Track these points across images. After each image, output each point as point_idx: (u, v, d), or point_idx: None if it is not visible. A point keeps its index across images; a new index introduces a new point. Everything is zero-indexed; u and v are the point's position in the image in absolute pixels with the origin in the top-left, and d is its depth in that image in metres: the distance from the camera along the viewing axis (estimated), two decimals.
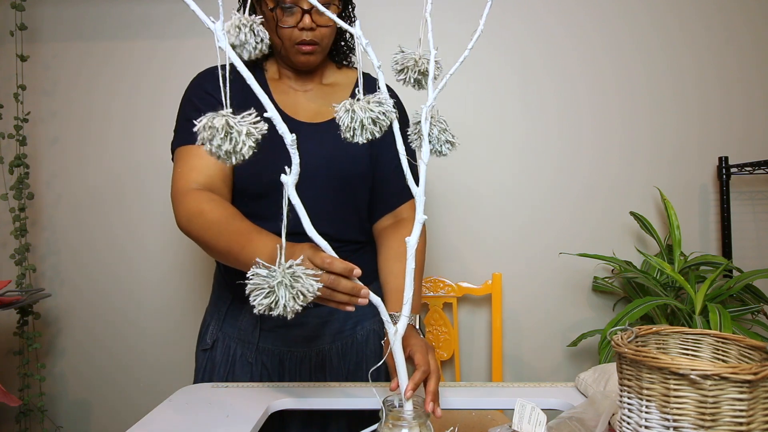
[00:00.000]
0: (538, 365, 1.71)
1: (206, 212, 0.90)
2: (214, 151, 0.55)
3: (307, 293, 0.60)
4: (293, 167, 0.60)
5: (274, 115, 0.59)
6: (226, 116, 0.55)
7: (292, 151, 0.60)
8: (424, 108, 0.69)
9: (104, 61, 1.70)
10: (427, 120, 0.69)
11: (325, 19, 0.98)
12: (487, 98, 1.68)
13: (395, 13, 1.65)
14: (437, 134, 0.70)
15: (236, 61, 0.57)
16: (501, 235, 1.70)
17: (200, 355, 1.12)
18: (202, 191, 0.95)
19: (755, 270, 1.40)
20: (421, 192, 0.69)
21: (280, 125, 0.59)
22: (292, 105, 1.07)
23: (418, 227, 0.69)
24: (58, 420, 1.74)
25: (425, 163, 0.70)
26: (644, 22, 1.67)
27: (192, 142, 0.98)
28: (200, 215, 0.91)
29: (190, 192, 0.95)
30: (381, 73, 0.68)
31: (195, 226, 0.92)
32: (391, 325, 0.71)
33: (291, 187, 0.60)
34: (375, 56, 0.67)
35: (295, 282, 0.59)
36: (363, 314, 1.15)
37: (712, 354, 0.70)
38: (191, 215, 0.92)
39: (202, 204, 0.92)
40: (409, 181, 0.69)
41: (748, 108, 1.67)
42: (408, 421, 0.70)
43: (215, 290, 1.16)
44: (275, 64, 1.10)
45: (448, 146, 0.71)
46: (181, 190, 0.96)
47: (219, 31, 0.56)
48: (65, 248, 1.73)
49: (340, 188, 1.06)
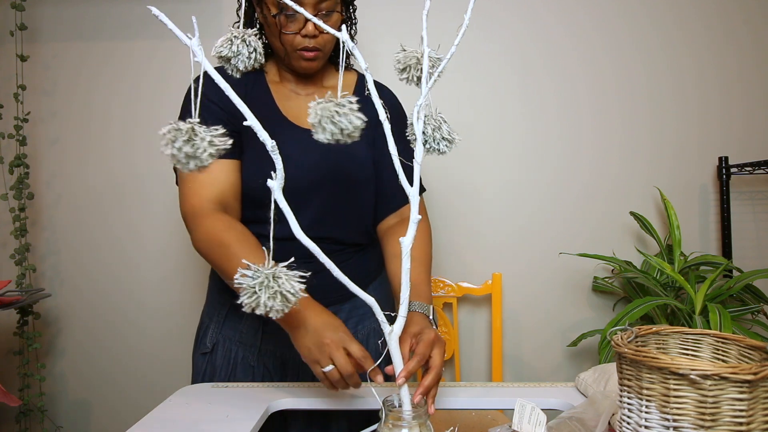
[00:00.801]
0: (538, 365, 1.71)
1: (229, 245, 0.90)
2: (175, 153, 0.56)
3: (288, 294, 0.60)
4: (278, 172, 0.61)
5: (254, 124, 0.60)
6: (192, 123, 0.57)
7: (274, 156, 0.61)
8: (415, 107, 0.69)
9: (104, 61, 1.70)
10: (420, 119, 0.69)
11: (329, 25, 0.98)
12: (487, 98, 1.68)
13: (394, 13, 1.65)
14: (431, 132, 0.70)
15: (213, 74, 0.59)
16: (501, 235, 1.70)
17: (199, 359, 1.11)
18: (219, 214, 0.94)
19: (755, 270, 1.40)
20: (414, 192, 0.69)
21: (261, 133, 0.60)
22: (296, 111, 1.07)
23: (413, 227, 0.69)
24: (58, 420, 1.74)
25: (419, 163, 0.69)
26: (644, 22, 1.67)
27: None
28: (222, 246, 0.90)
29: (206, 215, 0.94)
30: (369, 75, 0.68)
31: (216, 255, 0.91)
32: (386, 326, 0.71)
33: (278, 191, 0.61)
34: (362, 59, 0.67)
35: (275, 283, 0.60)
36: (364, 313, 1.15)
37: (712, 354, 0.70)
38: (212, 244, 0.92)
39: (223, 234, 0.91)
40: (402, 181, 0.68)
41: (748, 108, 1.67)
42: (408, 421, 0.69)
43: (212, 292, 1.16)
44: (275, 66, 1.10)
45: (446, 143, 0.71)
46: (196, 211, 0.95)
47: (195, 46, 0.58)
48: (65, 248, 1.73)
49: (347, 193, 1.07)
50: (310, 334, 0.82)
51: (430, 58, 0.70)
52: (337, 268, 0.65)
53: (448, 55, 0.69)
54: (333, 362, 0.79)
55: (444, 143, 0.71)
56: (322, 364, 0.80)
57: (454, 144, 0.72)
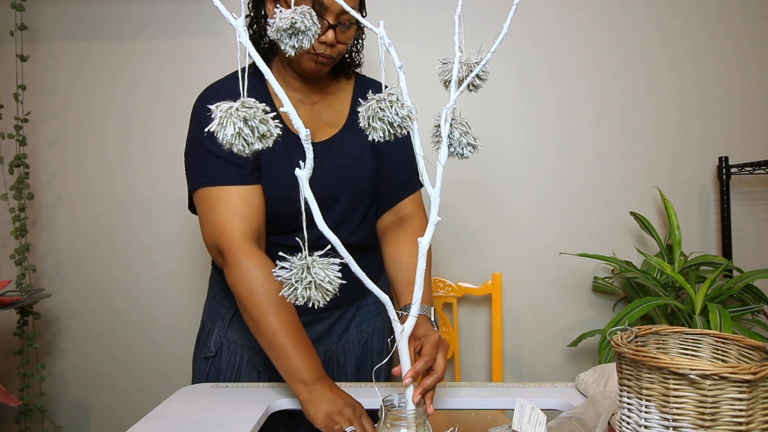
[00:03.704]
0: (538, 365, 1.71)
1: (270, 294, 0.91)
2: (246, 133, 0.55)
3: (324, 283, 0.60)
4: (307, 161, 0.60)
5: (290, 110, 0.59)
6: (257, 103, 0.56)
7: (306, 146, 0.60)
8: (444, 109, 0.69)
9: (104, 61, 1.70)
10: (447, 122, 0.69)
11: (347, 36, 0.98)
12: (487, 98, 1.68)
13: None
14: (458, 137, 0.70)
15: (255, 56, 0.58)
16: (501, 235, 1.70)
17: (201, 363, 1.10)
18: (262, 257, 0.94)
19: (755, 270, 1.40)
20: (436, 193, 0.68)
21: (297, 120, 0.60)
22: (306, 123, 1.06)
23: (431, 228, 0.68)
24: (58, 420, 1.74)
25: (442, 165, 0.69)
26: (644, 22, 1.67)
27: (227, 183, 0.96)
28: (267, 294, 0.91)
29: (249, 254, 0.93)
30: (402, 74, 0.67)
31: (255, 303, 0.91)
32: (398, 325, 0.71)
33: (305, 181, 0.60)
34: (397, 56, 0.66)
35: (308, 274, 0.60)
36: (368, 313, 1.15)
37: (711, 354, 0.70)
38: (254, 292, 0.91)
39: (265, 284, 0.91)
40: (425, 182, 0.68)
41: (748, 108, 1.67)
42: (407, 420, 0.69)
43: (214, 296, 1.15)
44: (275, 72, 1.08)
45: (470, 149, 0.71)
46: (237, 245, 0.93)
47: (240, 26, 0.57)
48: (65, 248, 1.73)
49: (361, 199, 1.07)
50: (326, 402, 0.85)
51: (469, 63, 0.69)
52: (355, 264, 0.65)
53: (483, 61, 0.69)
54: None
55: (468, 148, 0.71)
56: (343, 426, 0.81)
57: (477, 150, 0.71)
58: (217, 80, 1.05)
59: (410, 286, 0.97)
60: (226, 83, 1.03)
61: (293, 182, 0.62)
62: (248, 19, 1.05)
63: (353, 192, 1.06)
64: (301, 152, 0.60)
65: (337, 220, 1.04)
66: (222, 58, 1.65)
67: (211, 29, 1.68)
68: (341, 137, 1.06)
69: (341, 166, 1.04)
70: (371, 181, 1.08)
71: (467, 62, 0.70)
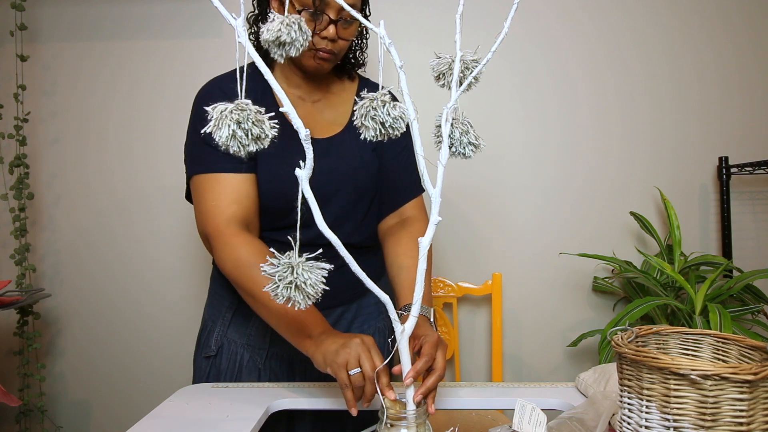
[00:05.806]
0: (538, 365, 1.71)
1: (255, 265, 0.89)
2: (240, 135, 0.55)
3: (306, 286, 0.60)
4: (307, 161, 0.60)
5: (290, 110, 0.59)
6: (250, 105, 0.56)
7: (306, 146, 0.60)
8: (445, 109, 0.69)
9: (104, 61, 1.70)
10: (448, 121, 0.69)
11: (349, 32, 0.98)
12: (487, 98, 1.68)
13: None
14: (459, 136, 0.70)
15: (255, 56, 0.59)
16: (501, 235, 1.70)
17: (202, 362, 1.10)
18: (247, 236, 0.94)
19: (755, 270, 1.40)
20: (436, 194, 0.68)
21: (296, 121, 0.60)
22: (305, 120, 1.06)
23: (432, 228, 0.68)
24: (58, 420, 1.74)
25: (443, 165, 0.68)
26: (644, 22, 1.67)
27: (217, 170, 0.96)
28: (254, 267, 0.89)
29: (233, 234, 0.93)
30: (402, 74, 0.67)
31: (244, 277, 0.91)
32: (398, 325, 0.71)
33: (305, 181, 0.60)
34: (397, 56, 0.66)
35: (292, 274, 0.60)
36: (369, 313, 1.16)
37: (712, 354, 0.70)
38: (242, 266, 0.91)
39: (252, 258, 0.90)
40: (426, 183, 0.68)
41: (748, 108, 1.67)
42: (407, 420, 0.70)
43: (214, 295, 1.15)
44: (277, 69, 1.09)
45: (472, 148, 0.70)
46: (221, 230, 0.94)
47: (240, 27, 0.57)
48: (65, 248, 1.73)
49: (362, 199, 1.08)
50: (331, 341, 0.82)
51: (465, 61, 0.69)
52: (355, 263, 0.65)
53: (484, 60, 0.69)
54: (360, 364, 0.78)
55: (470, 148, 0.70)
56: (350, 365, 0.78)
57: (479, 149, 0.71)
58: (221, 74, 1.05)
59: (411, 287, 0.97)
60: (229, 80, 1.03)
61: (287, 175, 0.62)
62: (253, 15, 1.06)
63: (352, 191, 1.06)
64: (298, 148, 0.60)
65: (335, 219, 1.04)
66: (222, 58, 1.65)
67: (211, 29, 1.68)
68: (342, 137, 1.06)
69: (340, 164, 1.04)
70: (371, 181, 1.08)
71: (463, 59, 0.70)
